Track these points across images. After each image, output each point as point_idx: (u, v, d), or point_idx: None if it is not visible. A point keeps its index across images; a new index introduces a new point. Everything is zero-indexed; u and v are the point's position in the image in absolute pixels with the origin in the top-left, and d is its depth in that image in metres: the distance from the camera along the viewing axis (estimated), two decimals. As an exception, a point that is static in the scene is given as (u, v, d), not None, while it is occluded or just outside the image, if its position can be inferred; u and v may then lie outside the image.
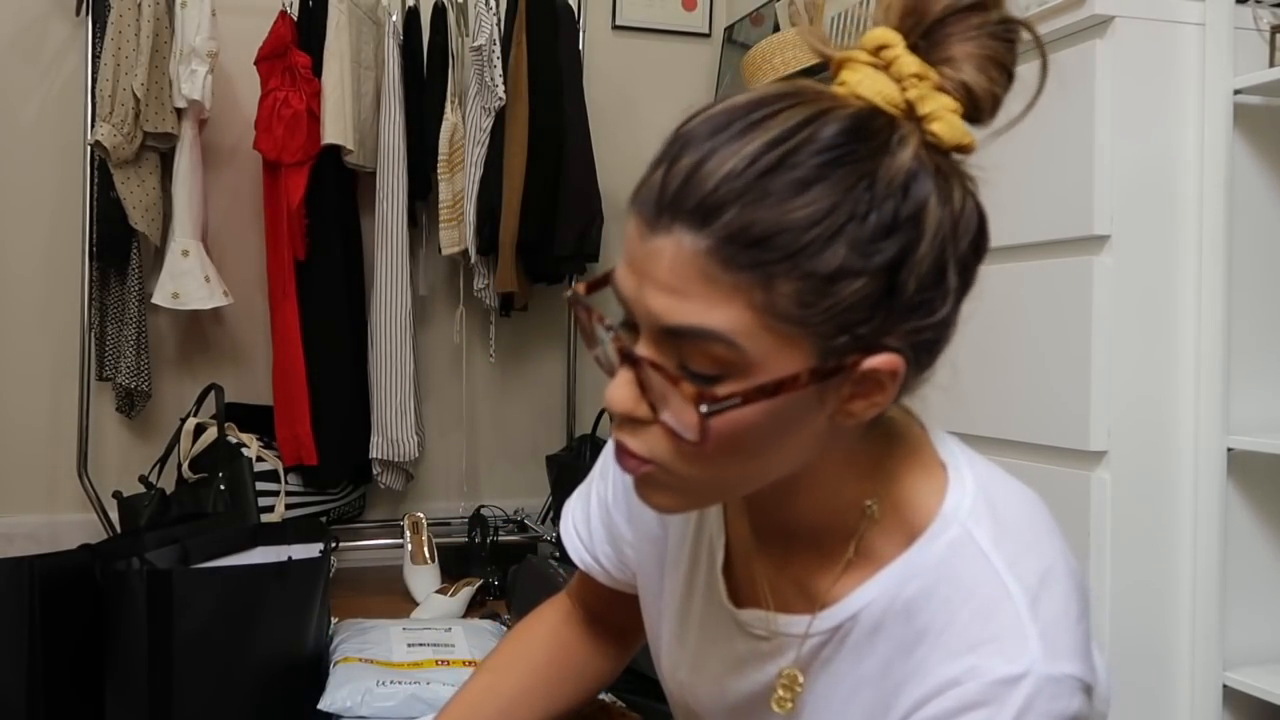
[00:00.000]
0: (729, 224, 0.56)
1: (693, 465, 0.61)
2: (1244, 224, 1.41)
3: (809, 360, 0.58)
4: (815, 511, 0.69)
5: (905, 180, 0.57)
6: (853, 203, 0.56)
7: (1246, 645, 1.41)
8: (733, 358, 0.57)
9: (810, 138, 0.57)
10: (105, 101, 2.63)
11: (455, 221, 2.91)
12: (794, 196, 0.56)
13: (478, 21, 2.80)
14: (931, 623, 0.64)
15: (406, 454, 2.91)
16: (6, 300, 2.92)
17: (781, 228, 0.55)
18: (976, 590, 0.63)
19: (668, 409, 0.60)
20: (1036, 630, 0.61)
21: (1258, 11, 1.43)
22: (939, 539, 0.65)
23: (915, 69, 0.59)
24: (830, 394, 0.61)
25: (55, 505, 2.94)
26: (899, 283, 0.58)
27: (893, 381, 0.61)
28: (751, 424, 0.59)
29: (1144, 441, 1.39)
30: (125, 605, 1.56)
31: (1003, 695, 0.59)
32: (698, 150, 0.58)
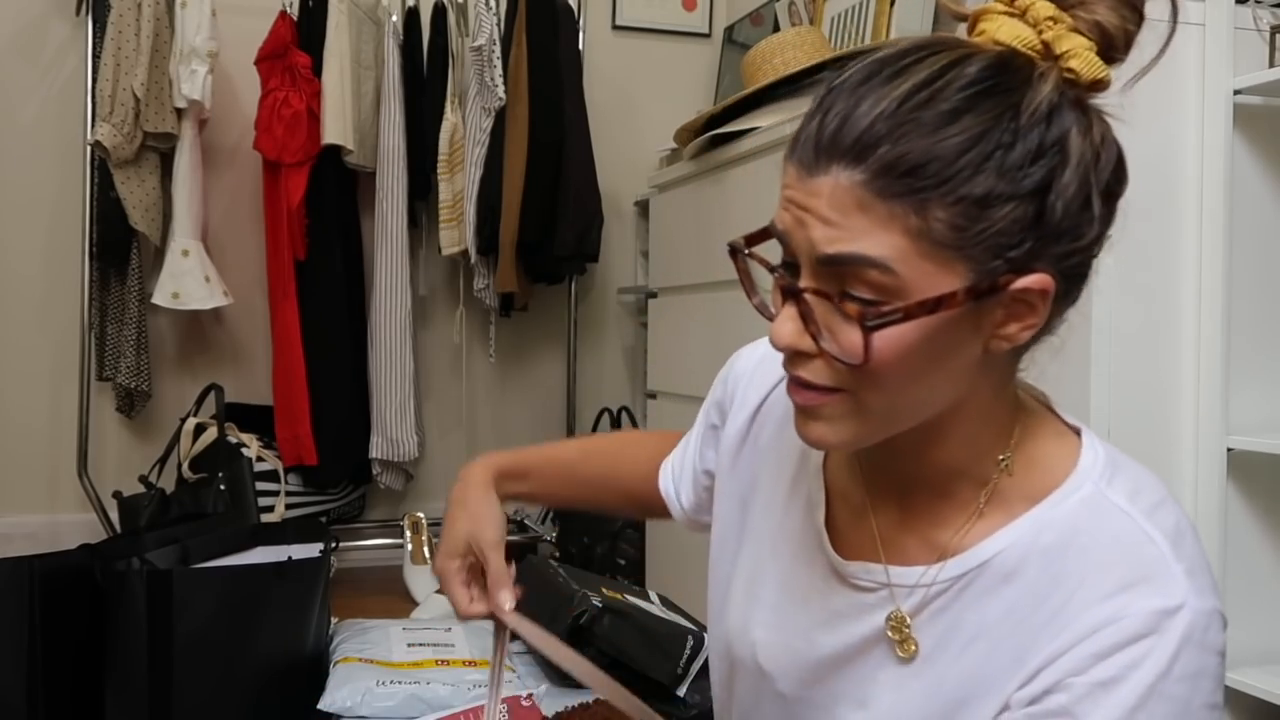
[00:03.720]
0: (882, 157, 0.60)
1: (860, 390, 0.65)
2: (1244, 224, 1.41)
3: (964, 281, 0.61)
4: (952, 458, 0.71)
5: (1048, 110, 0.61)
6: (1000, 131, 0.60)
7: (1246, 645, 1.41)
8: (890, 283, 0.61)
9: (956, 76, 0.61)
10: (105, 101, 2.63)
11: (455, 221, 2.91)
12: (943, 127, 0.59)
13: (478, 21, 2.80)
14: (1070, 571, 0.66)
15: (406, 454, 2.91)
16: (6, 300, 2.92)
17: (932, 156, 0.59)
18: (1119, 538, 0.66)
19: (830, 337, 0.64)
20: (1183, 569, 0.64)
21: (1258, 11, 1.43)
22: (1074, 495, 0.68)
23: (1050, 13, 0.63)
24: (985, 316, 0.64)
25: (55, 505, 2.94)
26: (1047, 207, 0.61)
27: (1044, 302, 0.64)
28: (912, 344, 0.62)
29: (1144, 442, 1.39)
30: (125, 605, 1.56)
31: (1163, 625, 0.62)
32: (850, 97, 0.62)
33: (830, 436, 0.67)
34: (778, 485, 0.83)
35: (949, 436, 0.70)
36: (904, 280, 0.61)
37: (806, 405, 0.67)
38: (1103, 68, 0.64)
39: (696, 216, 2.40)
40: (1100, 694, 0.63)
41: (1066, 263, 0.64)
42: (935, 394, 0.66)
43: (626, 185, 3.26)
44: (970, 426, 0.70)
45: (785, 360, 0.67)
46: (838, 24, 2.57)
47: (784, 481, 0.83)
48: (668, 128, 2.82)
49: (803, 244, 0.63)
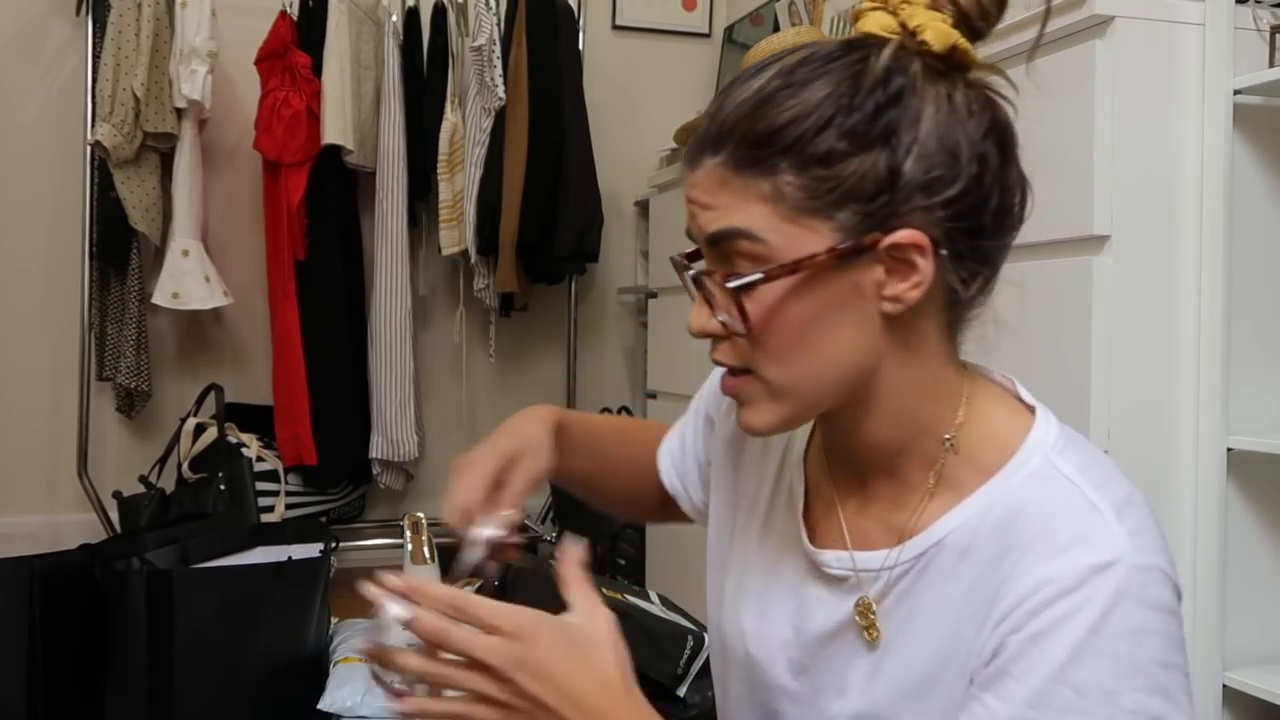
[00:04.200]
0: (737, 138, 0.66)
1: (761, 366, 0.69)
2: (1244, 224, 1.41)
3: (829, 241, 0.66)
4: (890, 436, 0.72)
5: (885, 74, 0.65)
6: (838, 96, 0.65)
7: (1246, 645, 1.41)
8: (761, 251, 0.66)
9: (809, 59, 0.67)
10: (105, 101, 2.63)
11: (455, 221, 2.91)
12: (788, 100, 0.65)
13: (478, 21, 2.80)
14: (1018, 538, 0.67)
15: (406, 454, 2.91)
16: (6, 300, 2.92)
17: (777, 126, 0.65)
18: (1064, 505, 0.67)
19: (725, 316, 0.69)
20: (1125, 530, 0.64)
21: (1258, 11, 1.43)
22: (1023, 467, 0.70)
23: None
24: (865, 275, 0.67)
25: (55, 505, 2.94)
26: (899, 162, 0.65)
27: (923, 257, 0.66)
28: (789, 308, 0.67)
29: (1144, 441, 1.39)
30: (125, 605, 1.56)
31: (1096, 579, 0.62)
32: (721, 96, 0.69)
33: (757, 420, 0.71)
34: (764, 481, 0.85)
35: (880, 413, 0.72)
36: (772, 247, 0.66)
37: (729, 393, 0.72)
38: (952, 36, 0.67)
39: (696, 216, 2.40)
40: (1031, 648, 0.63)
41: (939, 216, 0.66)
42: (835, 362, 0.69)
43: (626, 185, 3.26)
44: (901, 401, 0.71)
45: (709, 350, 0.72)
46: (838, 24, 2.57)
47: (769, 477, 0.85)
48: (668, 128, 2.82)
49: (696, 233, 0.70)
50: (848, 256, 0.66)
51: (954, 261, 0.69)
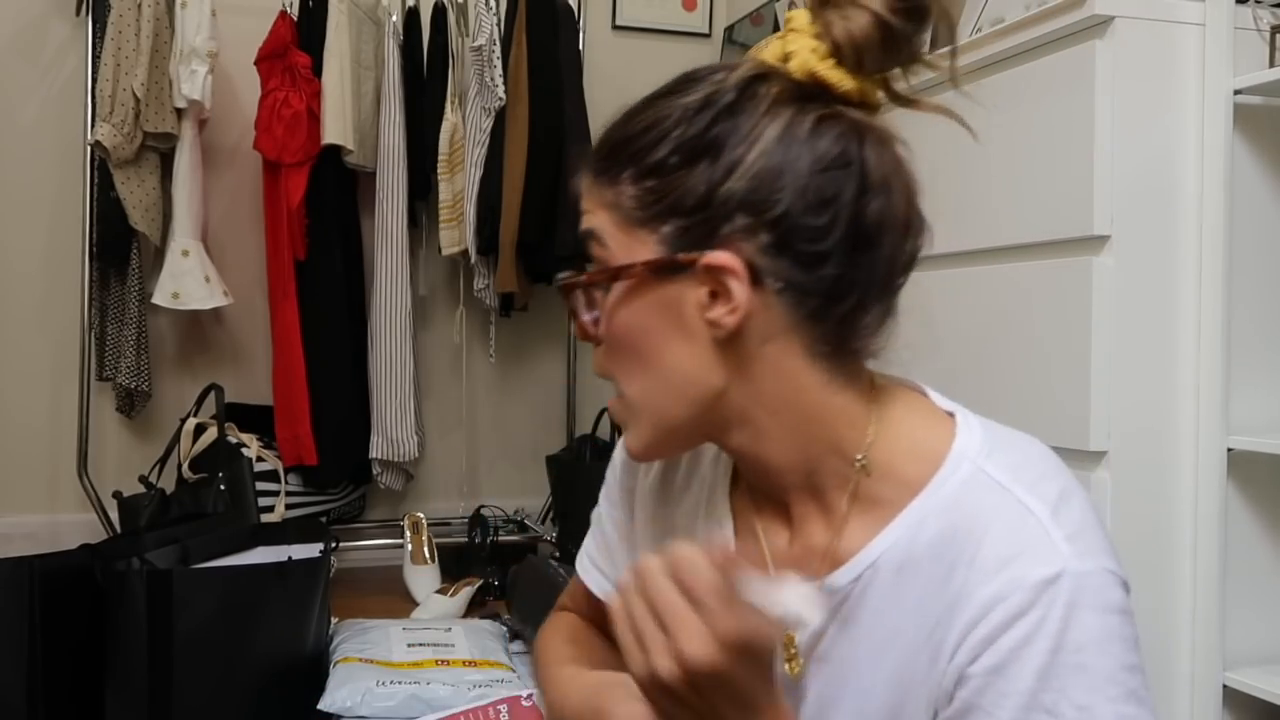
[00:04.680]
0: (598, 146, 0.71)
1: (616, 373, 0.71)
2: (1244, 224, 1.41)
3: (651, 254, 0.68)
4: (789, 457, 0.71)
5: (731, 98, 0.66)
6: (680, 111, 0.67)
7: (1246, 645, 1.41)
8: (603, 255, 0.70)
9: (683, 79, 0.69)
10: (105, 101, 2.63)
11: (455, 221, 2.91)
12: (643, 113, 0.69)
13: (478, 21, 2.80)
14: (960, 554, 0.65)
15: (406, 454, 2.90)
16: (6, 300, 2.92)
17: (627, 137, 0.69)
18: (999, 515, 0.65)
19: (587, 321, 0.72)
20: (1063, 534, 0.63)
21: (1258, 11, 1.43)
22: (952, 478, 0.67)
23: (798, 23, 0.68)
24: (688, 293, 0.67)
25: (55, 505, 2.94)
26: (722, 180, 0.65)
27: (737, 282, 0.65)
28: (625, 321, 0.69)
29: (1144, 441, 1.39)
30: (125, 605, 1.56)
31: (1045, 596, 0.61)
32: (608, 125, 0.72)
33: (632, 443, 0.73)
34: (695, 523, 0.82)
35: (765, 436, 0.70)
36: (611, 251, 0.69)
37: (610, 414, 0.75)
38: (812, 64, 0.67)
39: (696, 216, 2.40)
40: (996, 679, 0.61)
41: (763, 242, 0.65)
42: (673, 380, 0.69)
43: (626, 185, 3.26)
44: (782, 425, 0.70)
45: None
46: (838, 24, 2.57)
47: (699, 518, 0.82)
48: (668, 128, 2.82)
49: None
50: (663, 271, 0.67)
51: (793, 292, 0.66)
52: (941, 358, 1.60)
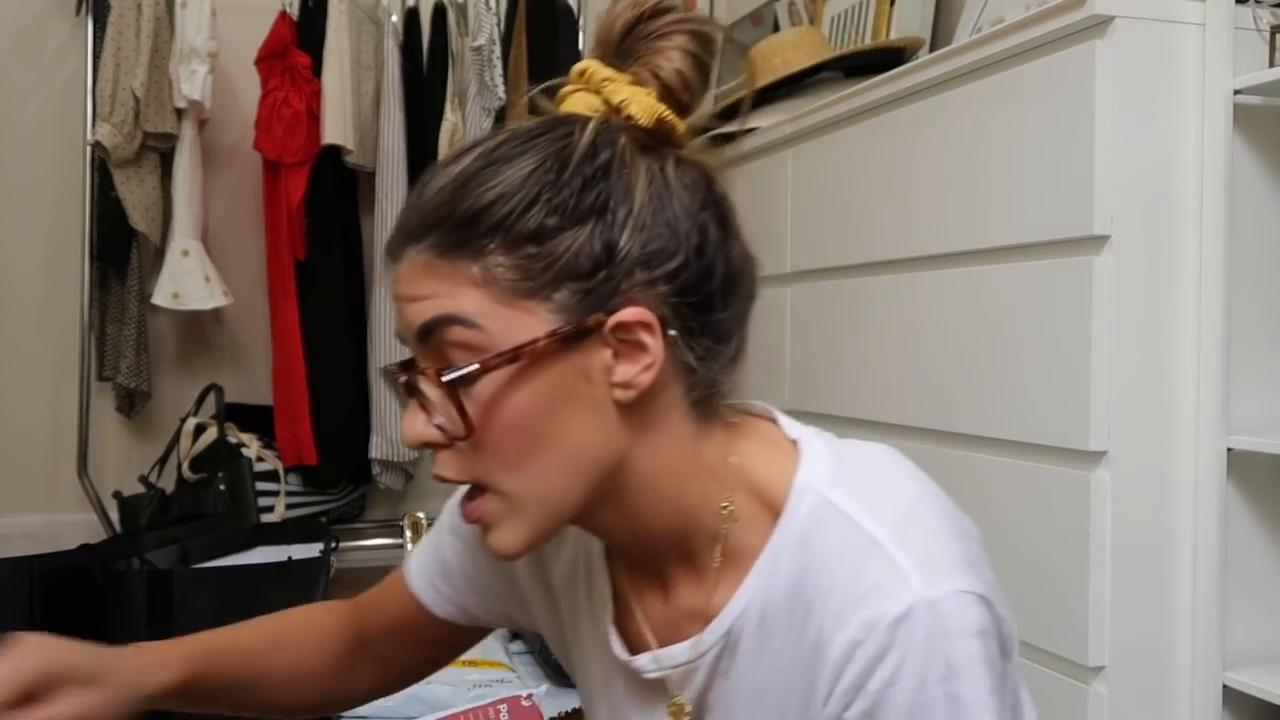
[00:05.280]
0: (440, 222, 0.62)
1: (494, 476, 0.63)
2: (1244, 224, 1.41)
3: (548, 325, 0.62)
4: (665, 518, 0.68)
5: (591, 148, 0.63)
6: (545, 172, 0.62)
7: (1246, 645, 1.40)
8: (477, 340, 0.61)
9: (510, 138, 0.64)
10: (105, 101, 2.63)
11: (455, 221, 2.91)
12: (489, 180, 0.62)
13: (478, 21, 2.80)
14: (814, 594, 0.63)
15: (406, 454, 2.90)
16: (6, 300, 2.92)
17: (481, 205, 0.61)
18: (845, 548, 0.63)
19: (443, 420, 0.63)
20: (910, 562, 0.61)
21: (1258, 11, 1.43)
22: (798, 513, 0.65)
23: (605, 74, 0.66)
24: (592, 360, 0.63)
25: (55, 505, 2.94)
26: (614, 236, 0.62)
27: (651, 335, 0.63)
28: (519, 405, 0.62)
29: (1144, 442, 1.39)
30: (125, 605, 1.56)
31: (901, 634, 0.59)
32: (417, 187, 0.65)
33: (504, 543, 0.65)
34: (575, 593, 0.80)
35: (642, 505, 0.67)
36: (489, 334, 0.61)
37: (470, 519, 0.65)
38: (656, 110, 0.66)
39: (696, 216, 2.40)
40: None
41: (663, 292, 0.63)
42: (574, 459, 0.64)
43: (626, 185, 3.25)
44: (660, 489, 0.67)
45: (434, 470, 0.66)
46: (838, 24, 2.57)
47: (579, 587, 0.79)
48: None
49: (405, 332, 0.65)
50: (571, 340, 0.62)
51: (686, 339, 0.65)
52: (941, 358, 1.60)
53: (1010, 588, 1.05)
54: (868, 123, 1.77)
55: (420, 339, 0.63)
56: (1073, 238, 1.40)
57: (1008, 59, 1.50)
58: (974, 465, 1.52)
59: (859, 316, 1.77)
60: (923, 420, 1.62)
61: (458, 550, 0.86)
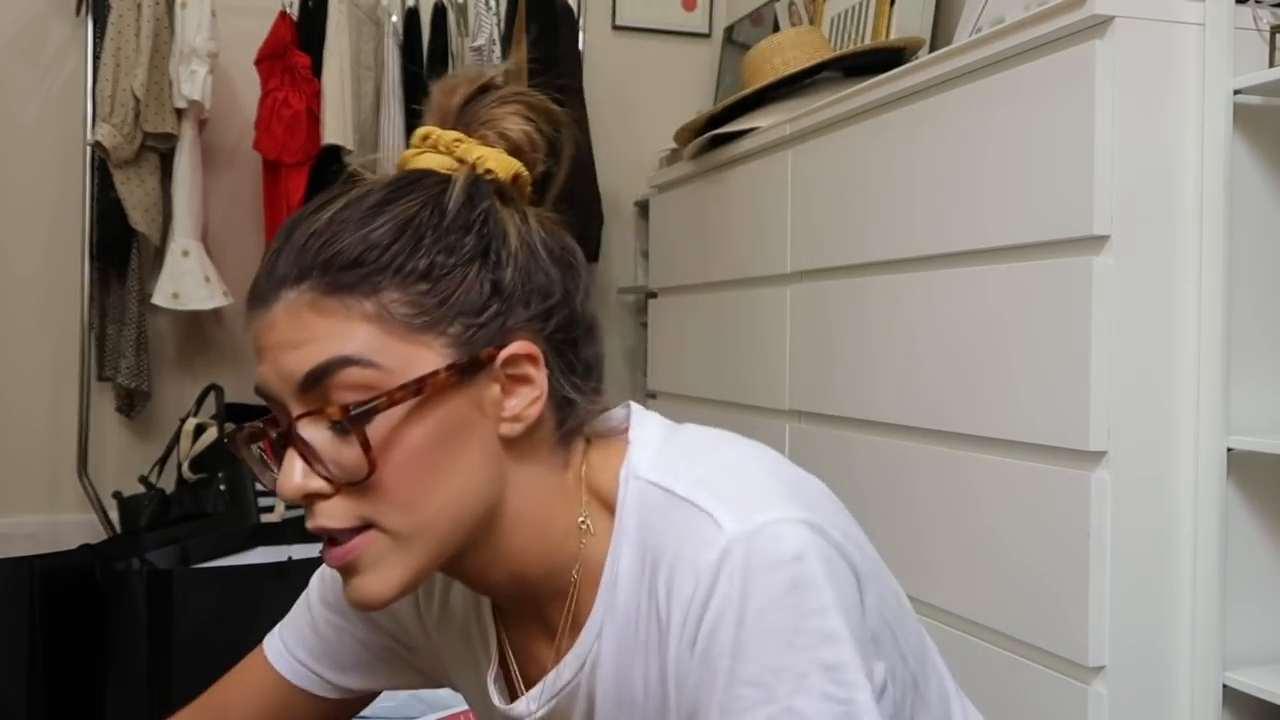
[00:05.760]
0: (321, 263, 0.62)
1: (385, 517, 0.63)
2: (1244, 224, 1.41)
3: (443, 359, 0.63)
4: (535, 552, 0.69)
5: (467, 194, 0.65)
6: (426, 213, 0.64)
7: (1246, 645, 1.41)
8: (374, 378, 0.61)
9: (374, 187, 0.66)
10: (105, 101, 2.63)
11: (455, 221, 2.91)
12: (371, 220, 0.63)
13: (478, 21, 2.80)
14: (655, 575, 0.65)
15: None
16: (6, 300, 2.92)
17: (369, 245, 0.62)
18: (669, 522, 0.64)
19: (335, 464, 0.62)
20: (718, 506, 0.62)
21: (1258, 11, 1.43)
22: (627, 503, 0.67)
23: (452, 137, 0.69)
24: (483, 394, 0.65)
25: (55, 505, 2.94)
26: (499, 275, 0.65)
27: (536, 368, 0.66)
28: (415, 439, 0.62)
29: (1144, 441, 1.39)
30: (125, 605, 1.56)
31: (722, 573, 0.60)
32: (283, 235, 0.65)
33: (380, 587, 0.64)
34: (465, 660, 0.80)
35: (516, 535, 0.68)
36: (385, 370, 0.61)
37: (346, 563, 0.64)
38: (514, 165, 0.69)
39: (696, 217, 2.40)
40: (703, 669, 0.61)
41: (547, 327, 0.67)
42: (461, 495, 0.64)
43: (626, 185, 3.26)
44: (535, 520, 0.68)
45: (307, 517, 0.64)
46: (838, 24, 2.57)
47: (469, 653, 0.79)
48: (668, 128, 2.82)
49: (280, 383, 0.63)
50: (467, 372, 0.63)
51: (563, 373, 0.68)
52: (941, 358, 1.60)
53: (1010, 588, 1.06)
54: (868, 123, 1.77)
55: (306, 385, 0.62)
56: (1072, 238, 1.40)
57: (1008, 59, 1.50)
58: (974, 465, 1.52)
59: (859, 316, 1.77)
60: (922, 420, 1.62)
61: (336, 624, 0.84)
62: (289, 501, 0.64)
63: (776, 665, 0.59)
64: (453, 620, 0.80)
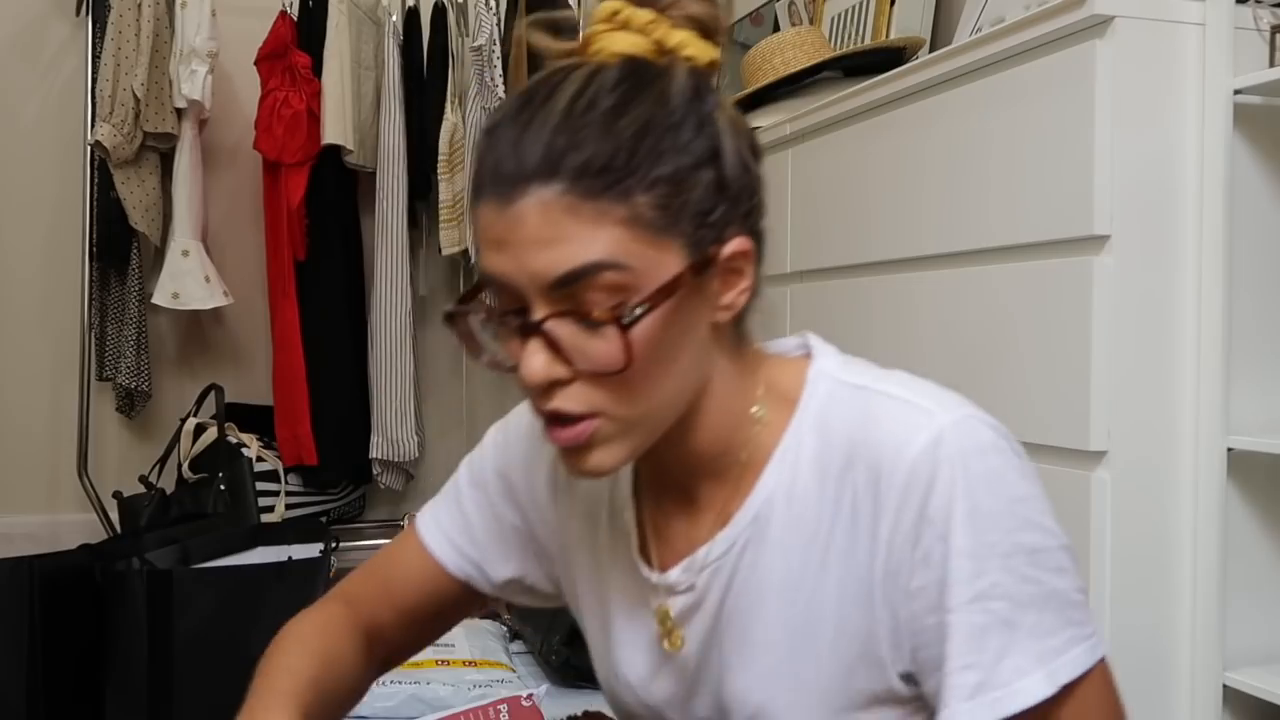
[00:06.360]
0: (572, 164, 0.63)
1: (619, 403, 0.66)
2: (1244, 224, 1.41)
3: (684, 259, 0.66)
4: (713, 430, 0.73)
5: (693, 91, 0.67)
6: (663, 115, 0.65)
7: (1246, 645, 1.40)
8: (624, 280, 0.64)
9: (600, 83, 0.66)
10: (105, 101, 2.63)
11: (455, 221, 2.91)
12: (614, 124, 0.64)
13: (478, 21, 2.80)
14: (843, 462, 0.69)
15: (406, 454, 2.90)
16: (6, 300, 2.92)
17: (617, 149, 0.63)
18: (865, 411, 0.70)
19: (582, 356, 0.65)
20: (923, 402, 0.68)
21: (1258, 11, 1.43)
22: (814, 399, 0.72)
23: (648, 18, 0.68)
24: (709, 289, 0.68)
25: (55, 505, 2.94)
26: (724, 174, 0.67)
27: (748, 264, 0.70)
28: (660, 335, 0.65)
29: (1144, 441, 1.38)
30: (125, 605, 1.56)
31: (943, 455, 0.65)
32: (515, 125, 0.65)
33: (606, 460, 0.68)
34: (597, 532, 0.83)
35: (703, 420, 0.72)
36: (636, 273, 0.64)
37: (571, 442, 0.67)
38: (712, 51, 0.69)
39: (696, 216, 2.40)
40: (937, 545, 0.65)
41: (752, 222, 0.70)
42: (684, 382, 0.69)
43: (626, 185, 3.26)
44: (720, 402, 0.73)
45: (539, 399, 0.68)
46: (838, 24, 2.57)
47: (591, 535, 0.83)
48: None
49: (526, 278, 0.64)
50: (701, 271, 0.66)
51: (758, 264, 0.72)
52: (941, 358, 1.60)
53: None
54: (868, 123, 1.77)
55: (559, 284, 0.63)
56: (1073, 238, 1.40)
57: (1008, 59, 1.50)
58: (974, 465, 1.52)
59: (859, 317, 1.77)
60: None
61: (479, 503, 0.89)
62: (533, 385, 0.66)
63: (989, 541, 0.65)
64: (579, 503, 0.84)
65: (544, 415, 0.68)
